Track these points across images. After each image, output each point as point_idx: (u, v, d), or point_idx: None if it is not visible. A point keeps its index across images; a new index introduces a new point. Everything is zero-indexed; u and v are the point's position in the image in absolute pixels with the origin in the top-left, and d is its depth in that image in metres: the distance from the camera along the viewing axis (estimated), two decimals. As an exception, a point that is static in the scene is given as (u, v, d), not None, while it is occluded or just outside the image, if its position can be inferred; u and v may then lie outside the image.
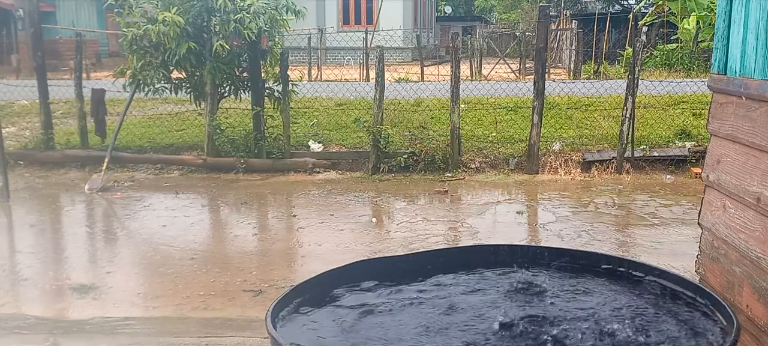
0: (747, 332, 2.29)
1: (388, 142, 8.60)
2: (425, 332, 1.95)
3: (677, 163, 8.45)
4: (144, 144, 9.49)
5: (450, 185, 7.96)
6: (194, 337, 4.13)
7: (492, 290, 2.24)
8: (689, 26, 18.79)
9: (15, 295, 4.85)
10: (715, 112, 2.58)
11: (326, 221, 6.58)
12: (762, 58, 2.23)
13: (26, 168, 8.85)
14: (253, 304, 4.58)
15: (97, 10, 27.14)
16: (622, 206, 7.09)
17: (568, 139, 9.18)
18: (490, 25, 37.27)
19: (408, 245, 5.76)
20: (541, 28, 8.99)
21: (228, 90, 9.13)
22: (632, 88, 8.39)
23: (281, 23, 8.91)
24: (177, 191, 7.87)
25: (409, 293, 2.23)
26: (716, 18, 2.57)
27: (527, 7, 35.33)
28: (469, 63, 21.83)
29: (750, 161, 2.31)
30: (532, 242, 6.05)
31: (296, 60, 20.52)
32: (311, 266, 5.26)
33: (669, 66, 18.79)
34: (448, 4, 43.43)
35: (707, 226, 2.65)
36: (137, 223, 6.69)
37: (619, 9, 31.97)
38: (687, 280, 2.17)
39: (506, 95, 12.23)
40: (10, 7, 23.34)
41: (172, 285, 4.93)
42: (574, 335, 1.91)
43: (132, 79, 8.62)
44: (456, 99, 8.55)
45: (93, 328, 4.28)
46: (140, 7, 8.40)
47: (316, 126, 10.26)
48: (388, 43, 21.74)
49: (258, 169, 8.68)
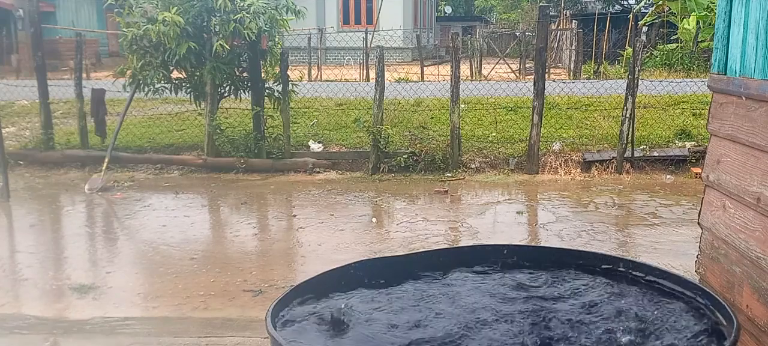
0: (747, 332, 2.29)
1: (388, 142, 8.60)
2: (425, 331, 1.95)
3: (677, 163, 8.45)
4: (144, 144, 9.49)
5: (450, 185, 7.96)
6: (194, 337, 4.13)
7: (492, 289, 2.24)
8: (689, 26, 18.79)
9: (15, 295, 4.85)
10: (715, 112, 2.58)
11: (326, 221, 6.58)
12: (762, 58, 2.23)
13: (26, 168, 8.85)
14: (253, 304, 4.58)
15: (97, 10, 27.14)
16: (622, 206, 7.09)
17: (568, 139, 9.18)
18: (490, 25, 37.28)
19: (408, 245, 5.76)
20: (541, 28, 8.99)
21: (228, 90, 9.13)
22: (632, 88, 8.39)
23: (281, 23, 8.91)
24: (177, 191, 7.87)
25: (409, 292, 2.23)
26: (716, 18, 2.57)
27: (527, 7, 35.34)
28: (469, 63, 21.82)
29: (750, 161, 2.31)
30: (532, 241, 6.05)
31: (296, 60, 20.52)
32: (311, 266, 5.26)
33: (669, 66, 18.79)
34: (448, 4, 43.44)
35: (707, 226, 2.65)
36: (137, 223, 6.69)
37: (619, 9, 31.98)
38: (687, 280, 2.17)
39: (506, 95, 12.22)
40: (10, 7, 23.33)
41: (172, 285, 4.93)
42: (574, 336, 1.91)
43: (132, 79, 8.62)
44: (456, 99, 8.55)
45: (93, 328, 4.29)
46: (140, 7, 8.40)
47: (316, 126, 10.26)
48: (388, 43, 21.75)
49: (258, 169, 8.68)
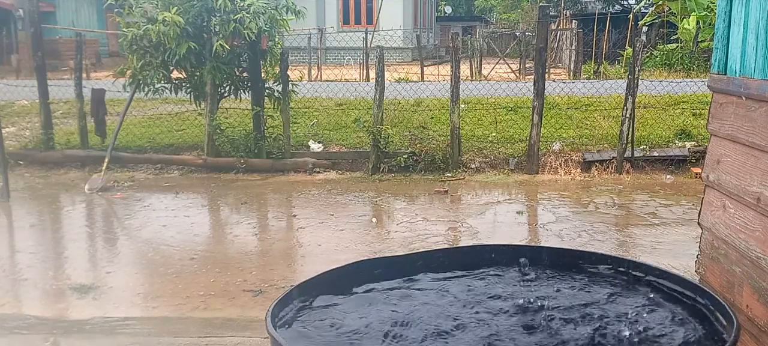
0: (747, 332, 2.29)
1: (388, 142, 8.60)
2: (425, 330, 1.95)
3: (677, 163, 8.45)
4: (144, 144, 9.49)
5: (450, 185, 7.96)
6: (194, 337, 4.13)
7: (492, 289, 2.24)
8: (689, 26, 18.80)
9: (15, 295, 4.85)
10: (715, 112, 2.58)
11: (326, 220, 6.58)
12: (762, 58, 2.23)
13: (26, 168, 8.85)
14: (253, 304, 4.58)
15: (97, 10, 27.14)
16: (622, 206, 7.09)
17: (568, 139, 9.18)
18: (490, 25, 37.27)
19: (408, 245, 5.76)
20: (541, 28, 8.99)
21: (228, 90, 9.13)
22: (632, 88, 8.39)
23: (281, 23, 8.90)
24: (177, 190, 7.87)
25: (409, 292, 2.23)
26: (716, 18, 2.57)
27: (527, 7, 35.34)
28: (469, 63, 21.82)
29: (750, 161, 2.31)
30: (532, 241, 6.05)
31: (296, 60, 20.52)
32: (311, 266, 5.26)
33: (669, 66, 18.80)
34: (448, 4, 43.45)
35: (707, 226, 2.65)
36: (137, 223, 6.69)
37: (619, 9, 31.97)
38: (687, 280, 2.17)
39: (506, 95, 12.23)
40: (10, 7, 23.33)
41: (172, 285, 4.93)
42: (574, 336, 1.91)
43: (132, 79, 8.62)
44: (456, 99, 8.55)
45: (93, 328, 4.29)
46: (140, 7, 8.40)
47: (316, 126, 10.26)
48: (388, 43, 21.76)
49: (258, 169, 8.68)
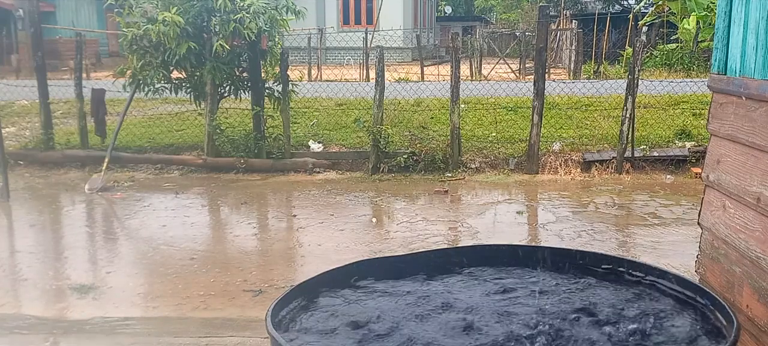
0: (747, 332, 2.29)
1: (388, 142, 8.60)
2: (424, 330, 1.95)
3: (677, 163, 8.45)
4: (144, 144, 9.49)
5: (450, 185, 7.96)
6: (194, 337, 4.13)
7: (491, 289, 2.24)
8: (689, 26, 18.80)
9: (15, 295, 4.85)
10: (715, 112, 2.58)
11: (326, 221, 6.58)
12: (762, 58, 2.23)
13: (26, 168, 8.85)
14: (253, 304, 4.58)
15: (97, 10, 27.14)
16: (622, 206, 7.09)
17: (568, 139, 9.18)
18: (490, 25, 37.27)
19: (408, 245, 5.76)
20: (541, 28, 8.99)
21: (228, 90, 9.13)
22: (632, 88, 8.39)
23: (281, 23, 8.90)
24: (177, 191, 7.87)
25: (409, 292, 2.23)
26: (716, 18, 2.57)
27: (527, 7, 35.34)
28: (469, 63, 21.82)
29: (750, 161, 2.31)
30: (532, 242, 6.05)
31: (296, 60, 20.51)
32: (311, 266, 5.26)
33: (669, 66, 18.80)
34: (448, 4, 43.44)
35: (707, 226, 2.65)
36: (137, 223, 6.69)
37: (619, 9, 31.97)
38: (687, 280, 2.17)
39: (506, 95, 12.23)
40: (10, 7, 23.33)
41: (172, 285, 4.93)
42: (574, 336, 1.91)
43: (132, 79, 8.62)
44: (456, 99, 8.55)
45: (93, 328, 4.29)
46: (140, 7, 8.40)
47: (316, 126, 10.26)
48: (388, 43, 21.76)
49: (258, 169, 8.67)
